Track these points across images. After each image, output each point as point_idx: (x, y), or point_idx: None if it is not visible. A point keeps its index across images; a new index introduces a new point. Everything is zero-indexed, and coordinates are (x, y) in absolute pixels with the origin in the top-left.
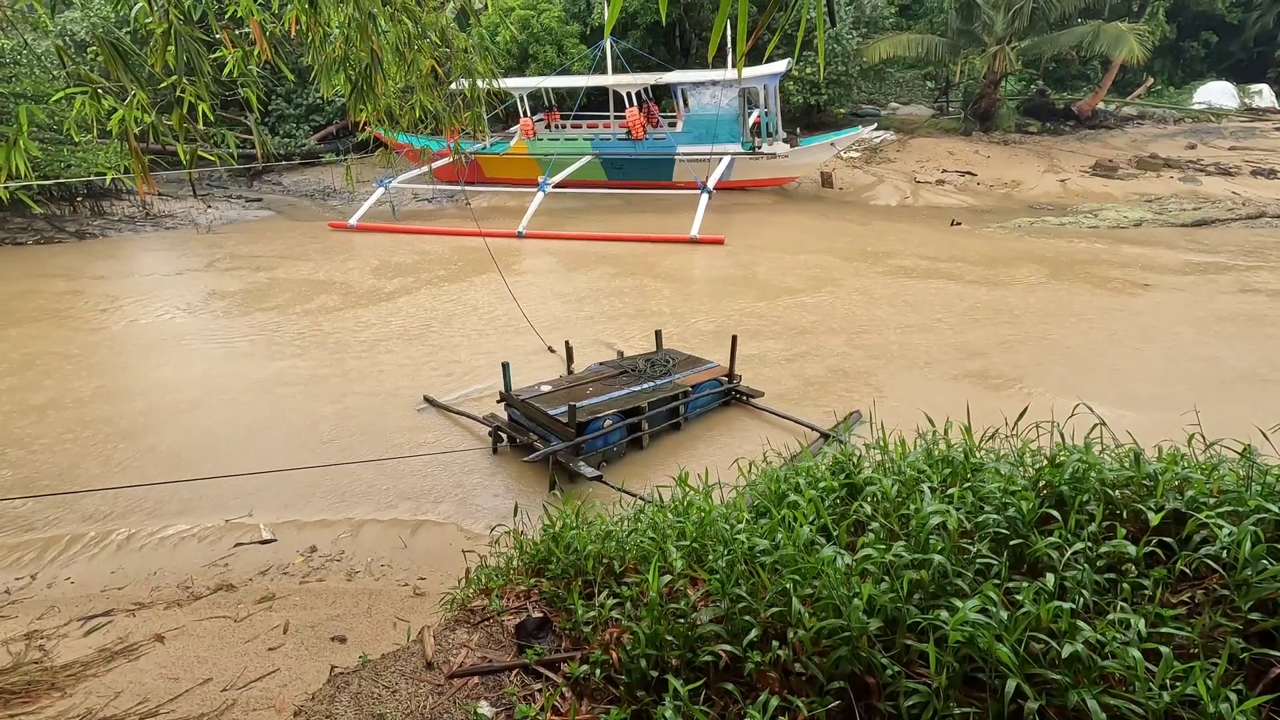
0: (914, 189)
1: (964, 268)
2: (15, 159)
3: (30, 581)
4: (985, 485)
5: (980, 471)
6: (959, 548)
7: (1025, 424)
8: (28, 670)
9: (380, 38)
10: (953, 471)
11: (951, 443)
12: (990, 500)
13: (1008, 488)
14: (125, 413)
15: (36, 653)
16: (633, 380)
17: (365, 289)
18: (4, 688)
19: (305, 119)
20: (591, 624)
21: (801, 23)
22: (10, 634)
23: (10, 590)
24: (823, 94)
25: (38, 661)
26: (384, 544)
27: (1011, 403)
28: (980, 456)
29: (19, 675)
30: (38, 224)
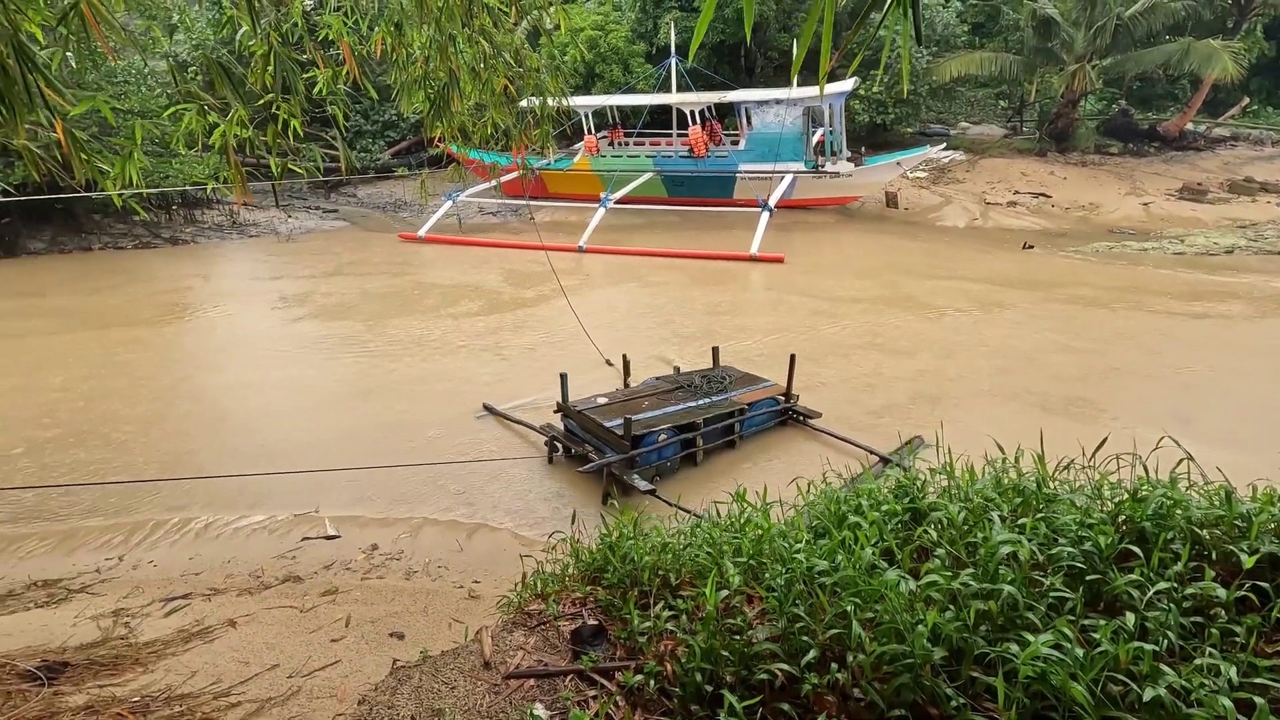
0: (983, 210)
1: (1037, 292)
2: (130, 170)
3: (118, 562)
4: (1059, 517)
5: (1054, 502)
6: (1030, 580)
7: (1103, 455)
8: (115, 645)
9: (458, 58)
10: (1024, 501)
11: (1022, 471)
12: (1065, 532)
13: (1084, 520)
14: (208, 411)
15: (123, 629)
16: (688, 396)
17: (431, 299)
18: (94, 660)
19: (381, 134)
20: (646, 635)
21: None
22: (100, 610)
23: (100, 570)
24: (890, 113)
25: (123, 638)
26: (441, 545)
27: (1087, 432)
28: (1054, 487)
29: (107, 649)
30: (136, 230)
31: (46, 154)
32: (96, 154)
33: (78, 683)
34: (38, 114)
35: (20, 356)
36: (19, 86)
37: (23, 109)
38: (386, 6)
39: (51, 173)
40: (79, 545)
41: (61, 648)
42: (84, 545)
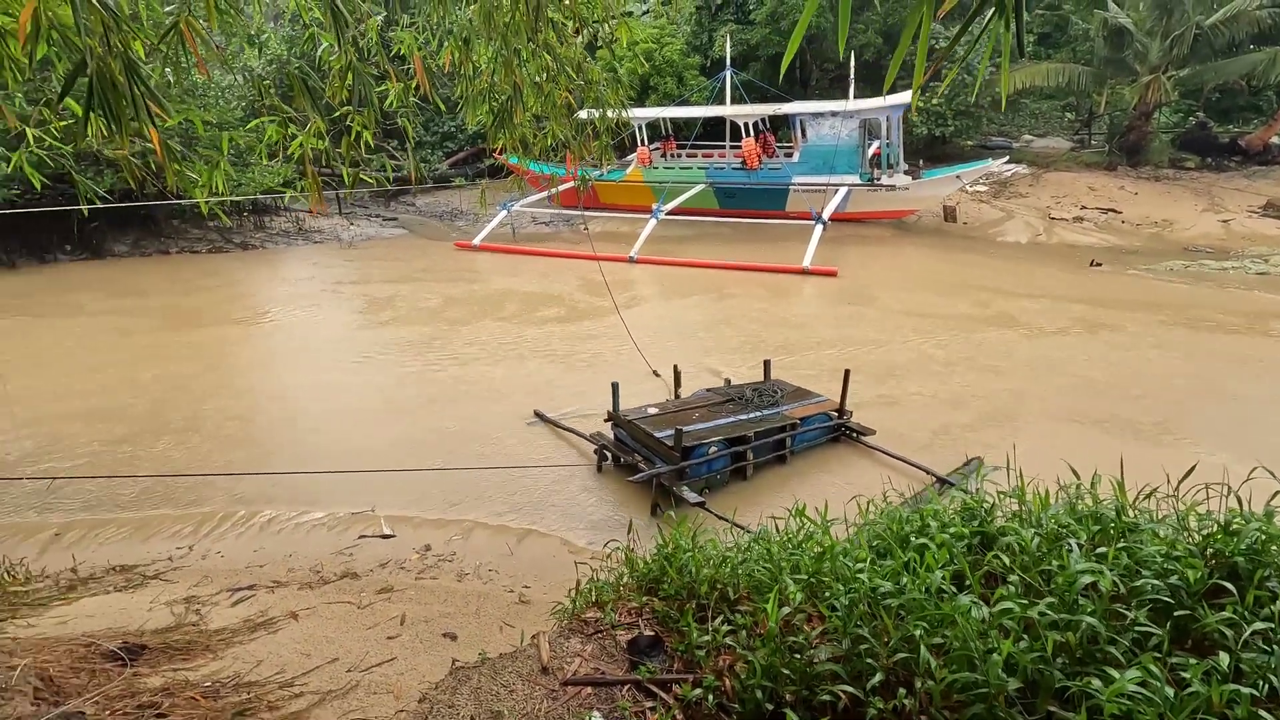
0: (1047, 226)
1: (1106, 311)
2: (216, 179)
3: (189, 551)
4: (1142, 548)
5: (1136, 532)
6: (1111, 612)
7: (1189, 485)
8: (187, 631)
9: (521, 71)
10: (1102, 529)
11: (1100, 498)
12: (1149, 564)
13: (1169, 552)
14: (279, 409)
15: (194, 616)
16: (739, 409)
17: (486, 306)
18: (169, 644)
19: (440, 145)
20: (705, 648)
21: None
22: (173, 597)
23: (173, 558)
24: (949, 125)
25: (195, 624)
26: (492, 549)
27: (1170, 459)
28: (1135, 515)
29: (180, 634)
30: (210, 235)
31: (140, 163)
32: (184, 163)
33: (154, 665)
34: (141, 126)
35: (121, 351)
36: (126, 101)
37: (128, 121)
38: (455, 22)
39: (144, 180)
40: (153, 534)
41: (139, 630)
42: (158, 534)
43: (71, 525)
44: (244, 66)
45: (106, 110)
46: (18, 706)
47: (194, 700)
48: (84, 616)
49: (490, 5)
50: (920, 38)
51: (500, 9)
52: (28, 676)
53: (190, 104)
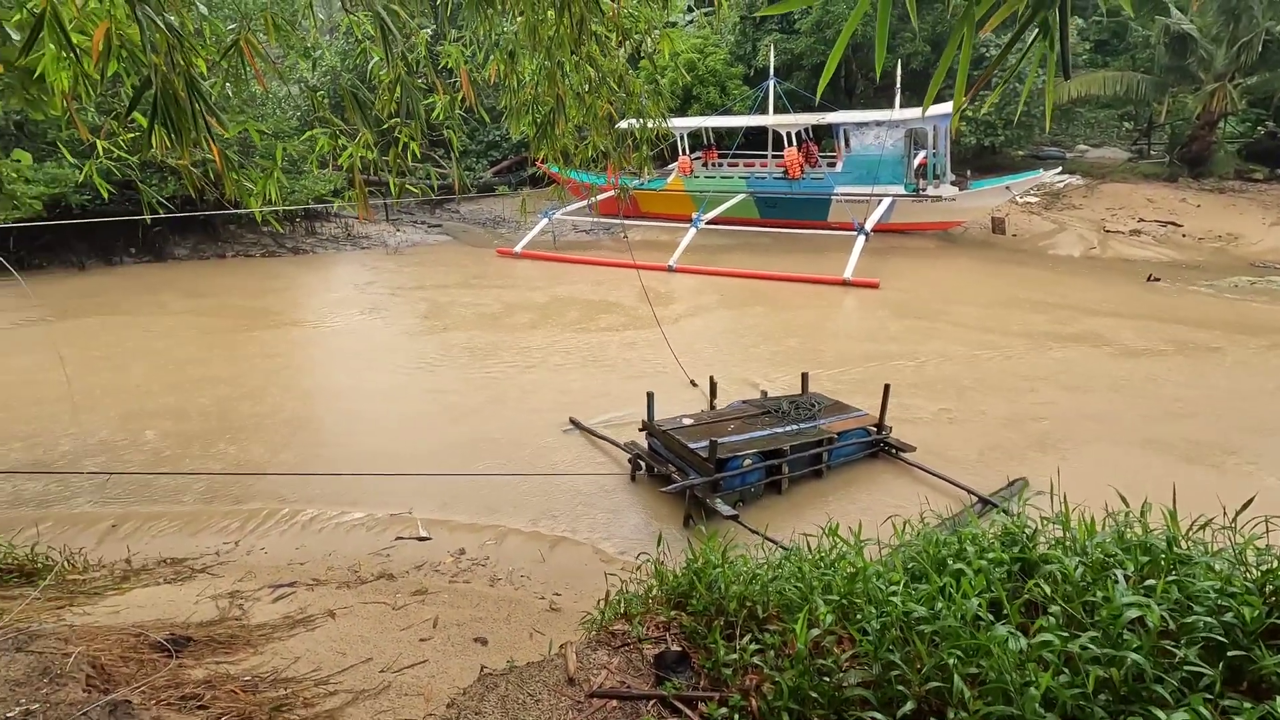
0: (1102, 239)
1: (1163, 328)
2: (270, 187)
3: (234, 547)
4: (1195, 582)
5: (1188, 565)
6: (1159, 649)
7: (1247, 516)
8: (230, 625)
9: (564, 83)
10: (1152, 561)
11: (1150, 527)
12: (1201, 600)
13: (1224, 588)
14: (321, 411)
15: (237, 610)
16: (775, 421)
17: (524, 313)
18: (213, 637)
19: (485, 154)
20: (732, 666)
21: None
22: (218, 591)
23: (219, 553)
24: (999, 135)
25: (237, 619)
26: (524, 555)
27: (1230, 488)
28: (1187, 547)
29: (224, 628)
30: (264, 240)
31: (199, 171)
32: (241, 172)
33: (198, 657)
34: (201, 138)
35: (179, 351)
36: (187, 114)
37: (189, 133)
38: (501, 36)
39: (203, 188)
40: (202, 528)
41: (185, 623)
42: (206, 528)
43: (127, 517)
44: (299, 78)
45: (169, 123)
46: (70, 692)
47: (234, 694)
48: (135, 607)
49: (535, 19)
50: (962, 55)
51: (545, 23)
52: (80, 664)
53: (249, 115)
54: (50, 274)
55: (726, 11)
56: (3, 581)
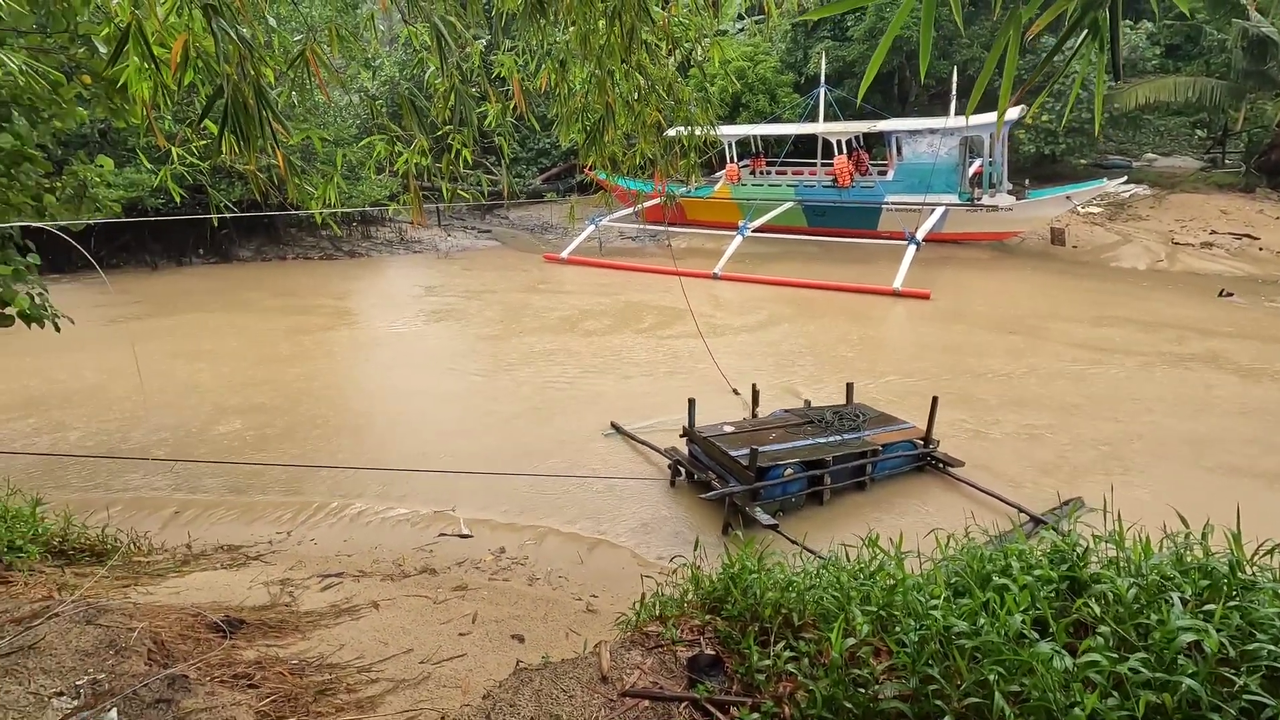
0: (1170, 251)
1: (1237, 347)
2: (330, 192)
3: (286, 537)
4: (1258, 609)
5: (1252, 591)
6: (1217, 676)
7: None
8: (280, 610)
9: (614, 91)
10: (1212, 585)
11: (1211, 550)
12: (1265, 628)
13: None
14: (372, 408)
15: (287, 597)
16: (818, 431)
17: (570, 317)
18: (264, 621)
19: (535, 161)
20: (765, 673)
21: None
22: (270, 578)
23: (272, 541)
24: (1060, 143)
25: (287, 605)
26: (563, 556)
27: None
28: (1252, 572)
29: (274, 613)
30: (322, 243)
31: (264, 176)
32: (303, 177)
33: (250, 639)
34: (266, 144)
35: (245, 347)
36: (255, 122)
37: (256, 140)
38: (553, 45)
39: (267, 192)
40: (257, 518)
41: (239, 606)
42: (261, 518)
43: (189, 505)
44: (359, 87)
45: (238, 130)
46: (133, 665)
47: (282, 675)
48: (193, 589)
49: (587, 28)
50: (1008, 59)
51: (596, 32)
52: (143, 639)
53: (311, 122)
54: (125, 273)
55: (777, 19)
56: (75, 559)
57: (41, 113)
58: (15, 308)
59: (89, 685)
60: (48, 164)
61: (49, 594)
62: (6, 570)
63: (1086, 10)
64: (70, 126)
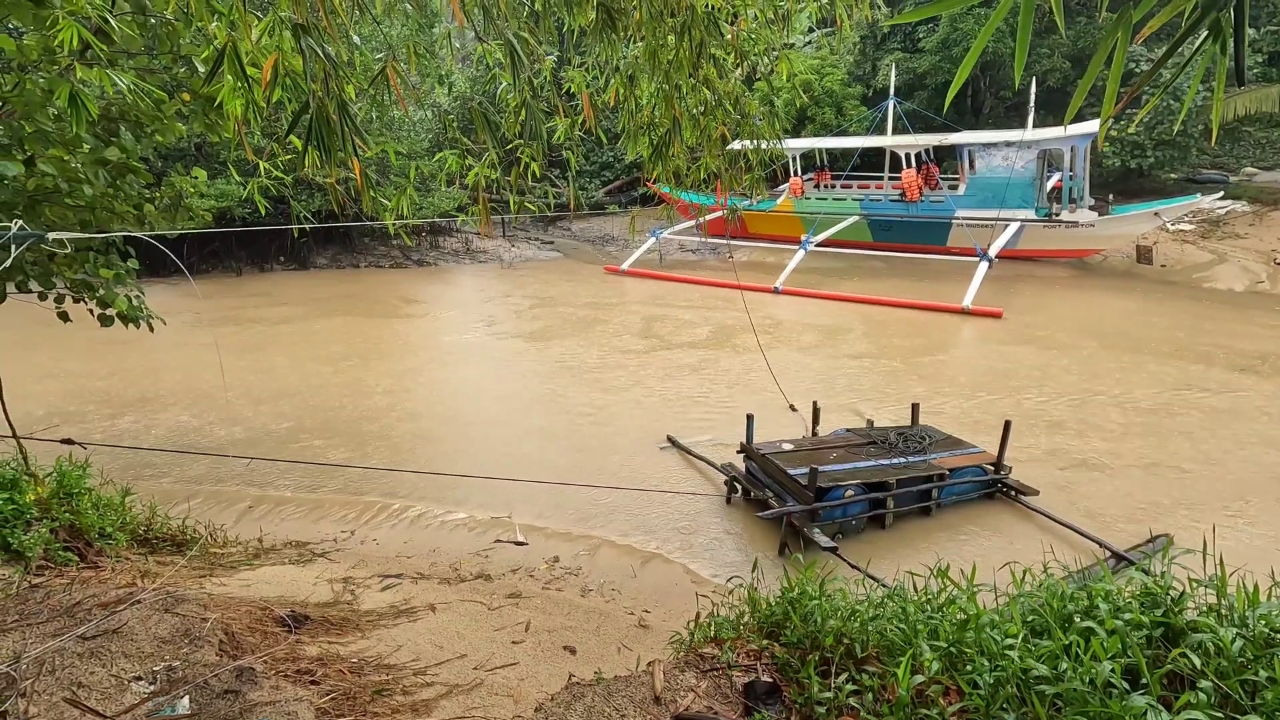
0: (1271, 272)
1: None
2: (403, 204)
3: (350, 536)
4: None
5: None
6: None
7: None
8: (342, 608)
9: (681, 105)
10: None
11: None
12: None
13: None
14: (441, 413)
15: (349, 596)
16: (881, 453)
17: (630, 329)
18: (327, 618)
19: (598, 174)
20: (826, 705)
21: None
22: (334, 576)
23: (337, 540)
24: (1148, 156)
25: (349, 603)
26: (616, 568)
27: None
28: None
29: (337, 611)
30: (393, 252)
31: (342, 189)
32: (378, 189)
33: (313, 635)
34: (347, 157)
35: (329, 349)
36: (338, 136)
37: (338, 153)
38: (622, 61)
39: (344, 203)
40: (324, 516)
41: (304, 602)
42: (328, 517)
43: (262, 500)
44: (434, 103)
45: (320, 144)
46: (205, 654)
47: (342, 673)
48: (263, 582)
49: (655, 43)
50: (1114, 64)
51: (665, 47)
52: (216, 629)
53: (387, 137)
54: (213, 278)
55: (848, 31)
56: (158, 548)
57: (145, 128)
58: (115, 309)
59: (165, 672)
60: (149, 175)
61: (133, 581)
62: (97, 556)
63: (1207, 10)
64: (170, 141)
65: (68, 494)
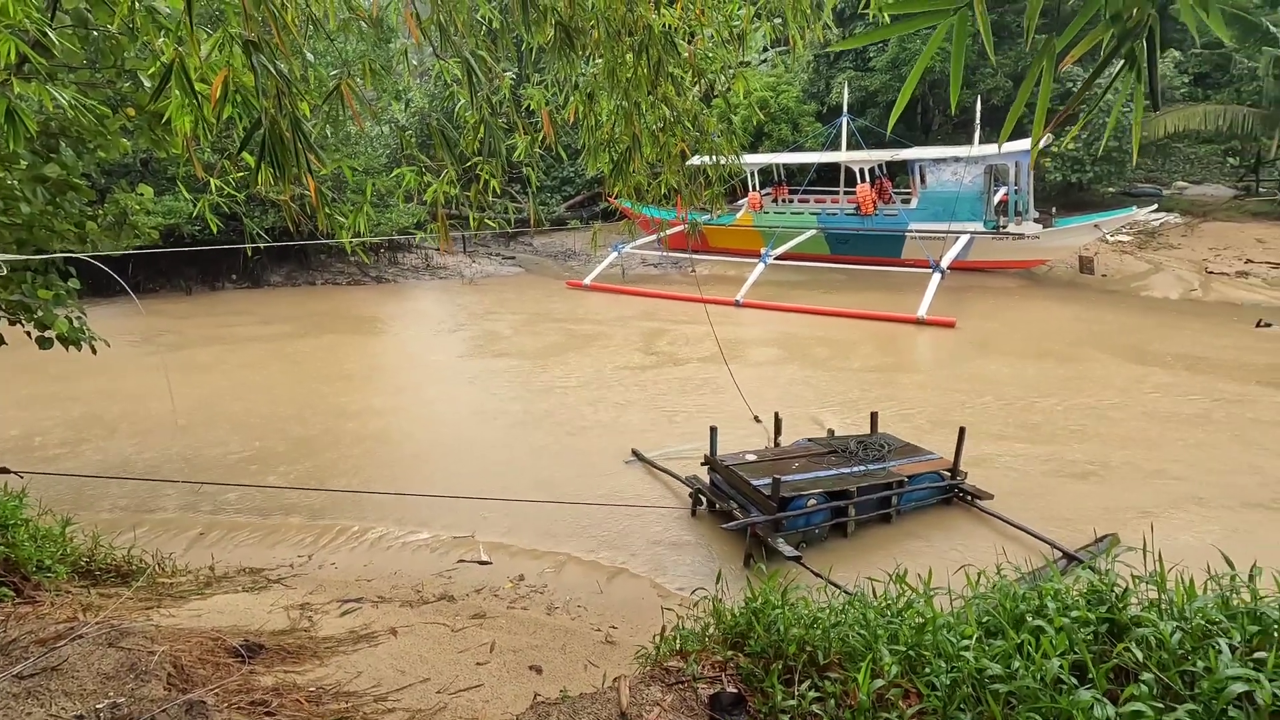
0: (1204, 280)
1: (1272, 377)
2: (360, 221)
3: (308, 560)
4: None
5: None
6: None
7: None
8: (299, 636)
9: (640, 122)
10: (1262, 631)
11: (1260, 594)
12: None
13: None
14: (399, 432)
15: (306, 622)
16: (842, 461)
17: (593, 344)
18: (283, 646)
19: (559, 189)
20: (790, 713)
21: (1112, 110)
22: (290, 602)
23: (294, 565)
24: (1088, 171)
25: (306, 630)
26: (582, 585)
27: None
28: None
29: (293, 638)
30: (350, 269)
31: (297, 206)
32: (333, 207)
33: (268, 665)
34: (300, 174)
35: (274, 370)
36: (291, 153)
37: (291, 170)
38: (581, 78)
39: (299, 221)
40: (280, 541)
41: (259, 630)
42: (284, 541)
43: (214, 526)
44: (390, 119)
45: (274, 161)
46: (152, 689)
47: (299, 703)
48: (215, 612)
49: (614, 62)
50: (1042, 89)
51: (623, 65)
52: (163, 663)
53: (343, 152)
54: (161, 298)
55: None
56: (101, 580)
57: (87, 143)
58: (55, 330)
59: (109, 709)
60: (91, 192)
61: (74, 615)
62: (35, 590)
63: (1123, 41)
64: (114, 157)
65: (2, 525)
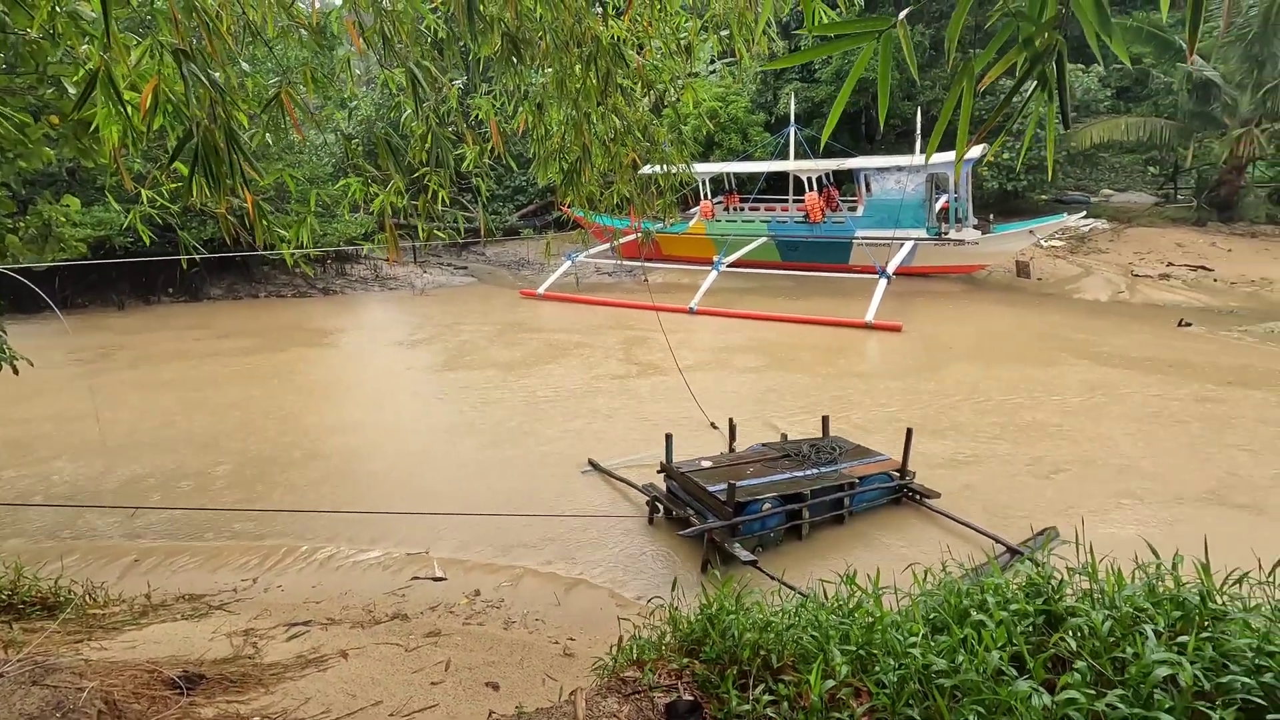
0: (1130, 283)
1: (1194, 374)
2: (303, 233)
3: (252, 584)
4: (1230, 639)
5: (1224, 621)
6: (1193, 711)
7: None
8: (243, 663)
9: (591, 133)
10: (1184, 616)
11: (1182, 581)
12: (1238, 659)
13: (1263, 646)
14: (347, 448)
15: (250, 649)
16: (796, 465)
17: (546, 353)
18: (225, 675)
19: (511, 198)
20: (745, 718)
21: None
22: (233, 628)
23: (237, 589)
24: (1021, 179)
25: (250, 657)
26: (540, 597)
27: (1265, 543)
28: (1223, 602)
29: (236, 666)
30: (295, 281)
31: (235, 217)
32: (274, 219)
33: (210, 696)
34: (236, 186)
35: (211, 389)
36: (226, 165)
37: (226, 182)
38: (530, 88)
39: (237, 234)
40: (222, 564)
41: (199, 660)
42: (226, 565)
43: (150, 552)
44: (335, 127)
45: (208, 172)
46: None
47: None
48: (151, 642)
49: (563, 72)
50: (963, 107)
51: (572, 76)
52: (94, 699)
53: (285, 162)
54: (92, 313)
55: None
56: (25, 614)
57: (6, 152)
58: None
59: None
60: (11, 203)
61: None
62: None
63: (1035, 63)
64: (36, 166)
65: None
